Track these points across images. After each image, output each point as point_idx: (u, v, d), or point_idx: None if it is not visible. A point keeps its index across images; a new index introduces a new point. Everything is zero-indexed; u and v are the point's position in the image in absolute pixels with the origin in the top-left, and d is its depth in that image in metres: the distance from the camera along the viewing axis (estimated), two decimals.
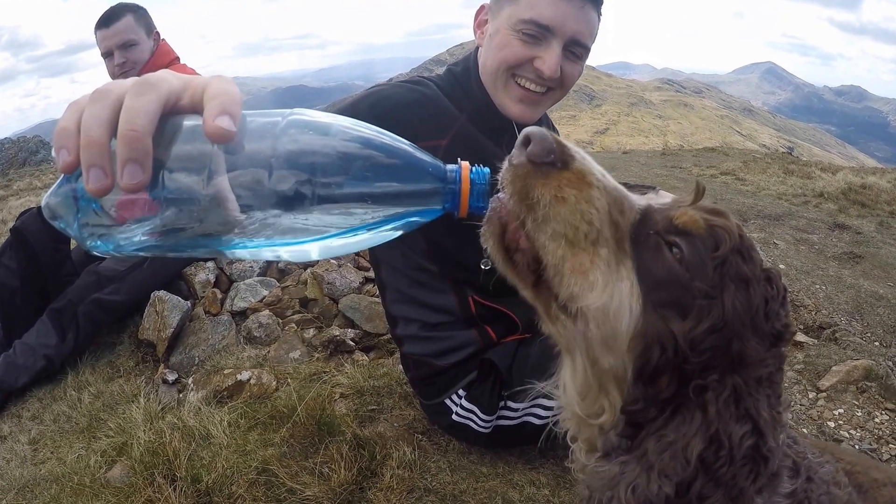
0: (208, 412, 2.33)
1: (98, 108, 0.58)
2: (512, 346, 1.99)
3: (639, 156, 16.51)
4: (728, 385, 0.78)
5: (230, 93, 0.62)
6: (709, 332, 0.77)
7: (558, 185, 0.80)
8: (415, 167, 0.73)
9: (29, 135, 39.96)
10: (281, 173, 0.63)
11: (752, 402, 0.78)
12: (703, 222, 0.81)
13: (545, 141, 0.80)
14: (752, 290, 0.79)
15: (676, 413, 0.79)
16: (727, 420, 0.77)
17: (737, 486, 0.76)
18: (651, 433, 0.80)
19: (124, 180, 0.56)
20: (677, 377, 0.79)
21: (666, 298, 0.79)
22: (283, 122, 0.66)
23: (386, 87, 1.86)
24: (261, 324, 3.07)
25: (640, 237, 0.82)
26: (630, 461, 0.82)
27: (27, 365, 2.76)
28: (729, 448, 0.76)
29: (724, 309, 0.77)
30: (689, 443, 0.77)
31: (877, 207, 7.96)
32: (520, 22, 1.73)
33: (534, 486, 2.04)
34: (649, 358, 0.79)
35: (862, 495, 1.11)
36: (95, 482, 2.03)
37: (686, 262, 0.79)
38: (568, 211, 0.79)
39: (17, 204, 10.84)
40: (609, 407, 0.87)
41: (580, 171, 0.81)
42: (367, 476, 2.02)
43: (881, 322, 3.87)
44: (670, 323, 0.78)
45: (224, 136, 0.59)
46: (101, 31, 3.14)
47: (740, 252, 0.80)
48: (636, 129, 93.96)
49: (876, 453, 2.33)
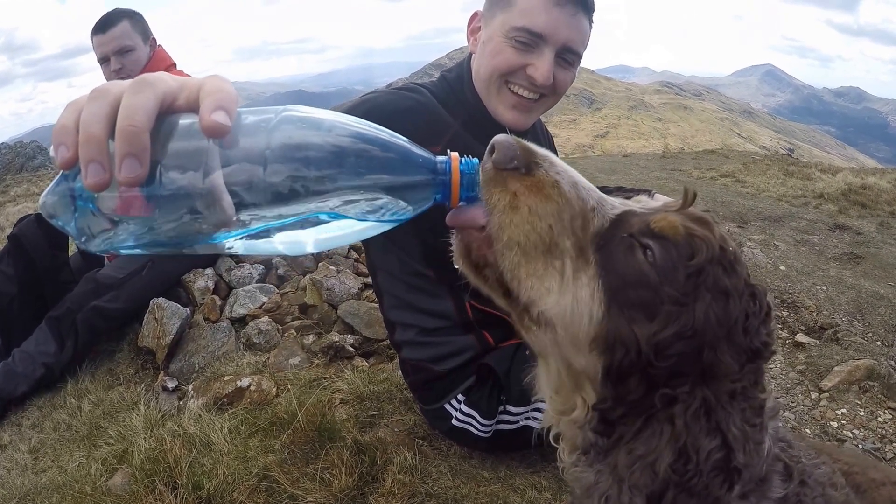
0: (209, 419, 2.32)
1: (97, 105, 0.59)
2: (510, 351, 1.99)
3: (639, 159, 16.54)
4: (698, 397, 0.77)
5: (225, 90, 0.63)
6: (676, 338, 0.76)
7: (514, 193, 0.80)
8: (406, 159, 0.74)
9: (26, 140, 40.02)
10: (275, 167, 0.64)
11: (723, 415, 0.77)
12: (683, 229, 0.80)
13: (509, 148, 0.81)
14: (731, 303, 0.78)
15: (647, 424, 0.79)
16: (696, 433, 0.76)
17: (710, 494, 0.76)
18: (623, 443, 0.80)
19: (122, 174, 0.57)
20: (645, 381, 0.78)
21: (634, 299, 0.78)
22: (276, 117, 0.67)
23: (380, 95, 1.86)
24: (260, 330, 3.07)
25: (610, 241, 0.82)
26: (604, 471, 0.82)
27: (26, 373, 2.75)
28: (696, 462, 0.75)
29: (694, 317, 0.76)
30: (657, 456, 0.76)
31: (877, 208, 7.97)
32: (513, 29, 1.74)
33: (535, 489, 2.03)
34: (613, 359, 0.79)
35: (860, 496, 1.11)
36: (96, 490, 2.02)
37: (657, 266, 0.78)
38: (520, 219, 0.80)
39: (15, 210, 10.86)
40: (582, 403, 0.88)
41: (540, 180, 0.82)
42: (368, 481, 2.01)
43: (882, 322, 3.87)
44: (634, 325, 0.77)
45: (219, 130, 0.60)
46: (97, 37, 3.15)
47: (721, 264, 0.79)
48: (636, 132, 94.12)
49: (880, 452, 2.33)
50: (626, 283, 0.79)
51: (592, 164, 14.18)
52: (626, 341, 0.77)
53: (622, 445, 0.80)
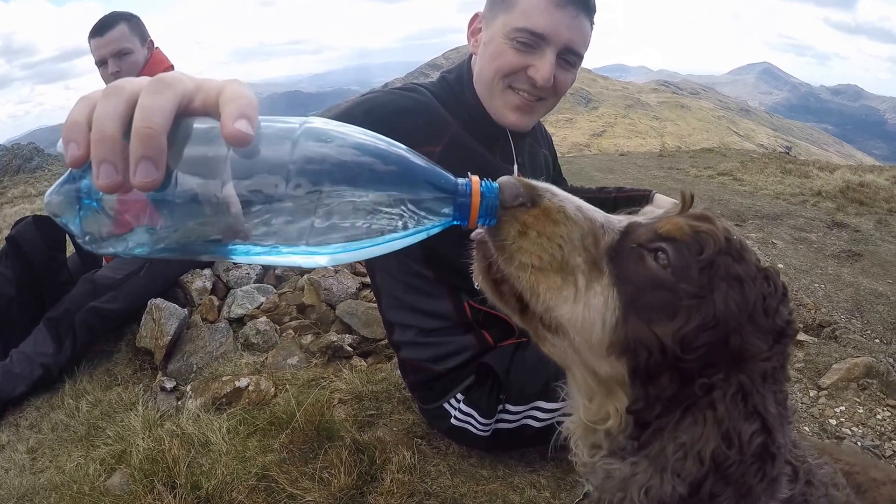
0: (207, 419, 2.32)
1: (112, 103, 0.57)
2: (509, 350, 1.99)
3: (636, 157, 16.56)
4: (734, 382, 0.79)
5: (248, 96, 0.60)
6: (700, 330, 0.79)
7: (523, 223, 0.84)
8: (426, 179, 0.74)
9: (23, 142, 40.01)
10: (294, 180, 0.62)
11: (759, 398, 0.79)
12: (689, 228, 0.84)
13: (513, 186, 0.83)
14: (746, 288, 0.81)
15: (686, 414, 0.81)
16: (736, 418, 0.78)
17: (745, 483, 0.78)
18: (664, 435, 0.82)
19: (137, 178, 0.55)
20: (677, 376, 0.81)
21: (652, 303, 0.82)
22: (299, 129, 0.65)
23: (380, 94, 1.86)
24: (258, 330, 3.06)
25: (621, 253, 0.86)
26: (640, 462, 0.83)
27: (24, 374, 2.75)
28: (739, 446, 0.77)
29: (715, 307, 0.79)
30: (703, 443, 0.78)
31: (875, 205, 7.98)
32: (514, 30, 1.74)
33: (534, 488, 2.03)
34: (637, 361, 0.81)
35: (861, 496, 1.12)
36: (95, 490, 2.02)
37: (671, 266, 0.82)
38: (530, 243, 0.84)
39: (12, 212, 10.83)
40: (615, 412, 0.89)
41: (546, 208, 0.85)
42: (367, 481, 2.01)
43: (881, 319, 3.88)
44: (654, 326, 0.80)
45: (243, 139, 0.58)
46: (94, 40, 3.14)
47: (729, 254, 0.82)
48: (633, 130, 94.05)
49: (879, 450, 2.33)
50: (642, 288, 0.83)
51: (589, 163, 14.19)
52: (646, 343, 0.80)
53: (665, 435, 0.82)
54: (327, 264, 0.72)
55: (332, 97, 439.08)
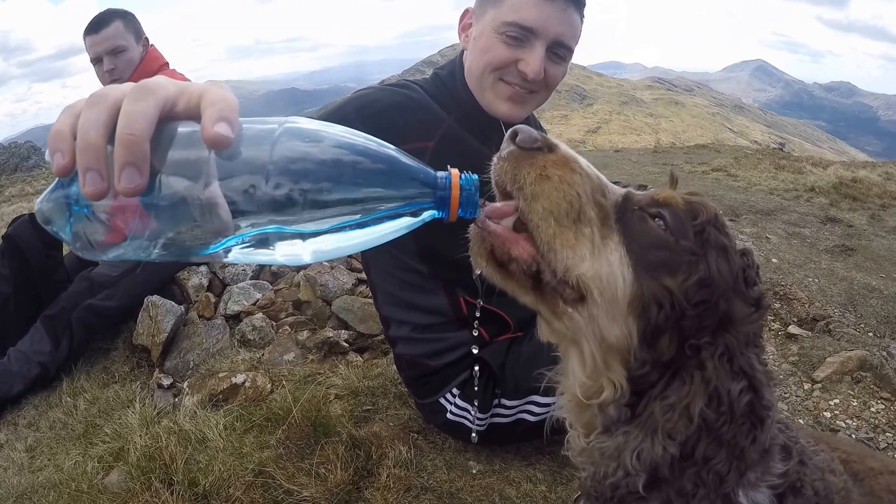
0: (204, 416, 2.33)
1: (95, 111, 0.58)
2: (504, 345, 2.00)
3: (630, 154, 16.56)
4: (720, 343, 0.83)
5: (228, 100, 0.61)
6: (699, 286, 0.83)
7: (543, 165, 0.86)
8: (405, 174, 0.74)
9: (20, 140, 39.83)
10: (275, 179, 0.63)
11: (744, 359, 0.84)
12: (681, 199, 0.90)
13: (531, 132, 0.87)
14: (730, 257, 0.86)
15: (675, 376, 0.84)
16: (724, 377, 0.81)
17: (738, 445, 0.81)
18: (653, 398, 0.85)
19: (122, 184, 0.56)
20: (676, 336, 0.84)
21: (656, 260, 0.85)
22: (279, 129, 0.66)
23: (372, 91, 1.87)
24: (255, 327, 3.07)
25: (624, 214, 0.90)
26: (632, 430, 0.86)
27: (22, 372, 2.75)
28: (728, 404, 0.80)
29: (709, 267, 0.84)
30: (691, 401, 0.81)
31: (868, 201, 8.01)
32: (503, 24, 1.75)
33: (530, 482, 2.05)
34: (649, 317, 0.84)
35: (858, 484, 1.13)
36: (93, 488, 2.02)
37: (670, 228, 0.87)
38: (552, 187, 0.85)
39: (9, 210, 10.78)
40: (609, 383, 0.90)
41: (564, 156, 0.89)
42: (363, 476, 2.02)
43: (874, 313, 3.90)
44: (663, 280, 0.84)
45: (222, 142, 0.59)
46: (90, 37, 3.14)
47: (716, 226, 0.88)
48: (628, 127, 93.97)
49: (873, 442, 2.35)
50: (646, 246, 0.87)
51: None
52: (659, 297, 0.84)
53: (654, 399, 0.85)
54: (311, 261, 0.73)
55: (329, 94, 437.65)
